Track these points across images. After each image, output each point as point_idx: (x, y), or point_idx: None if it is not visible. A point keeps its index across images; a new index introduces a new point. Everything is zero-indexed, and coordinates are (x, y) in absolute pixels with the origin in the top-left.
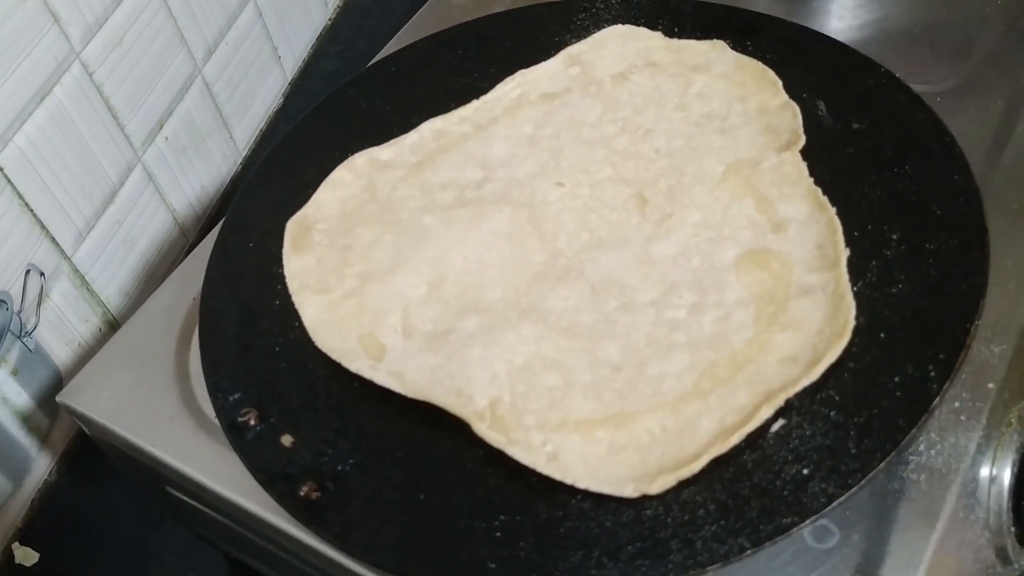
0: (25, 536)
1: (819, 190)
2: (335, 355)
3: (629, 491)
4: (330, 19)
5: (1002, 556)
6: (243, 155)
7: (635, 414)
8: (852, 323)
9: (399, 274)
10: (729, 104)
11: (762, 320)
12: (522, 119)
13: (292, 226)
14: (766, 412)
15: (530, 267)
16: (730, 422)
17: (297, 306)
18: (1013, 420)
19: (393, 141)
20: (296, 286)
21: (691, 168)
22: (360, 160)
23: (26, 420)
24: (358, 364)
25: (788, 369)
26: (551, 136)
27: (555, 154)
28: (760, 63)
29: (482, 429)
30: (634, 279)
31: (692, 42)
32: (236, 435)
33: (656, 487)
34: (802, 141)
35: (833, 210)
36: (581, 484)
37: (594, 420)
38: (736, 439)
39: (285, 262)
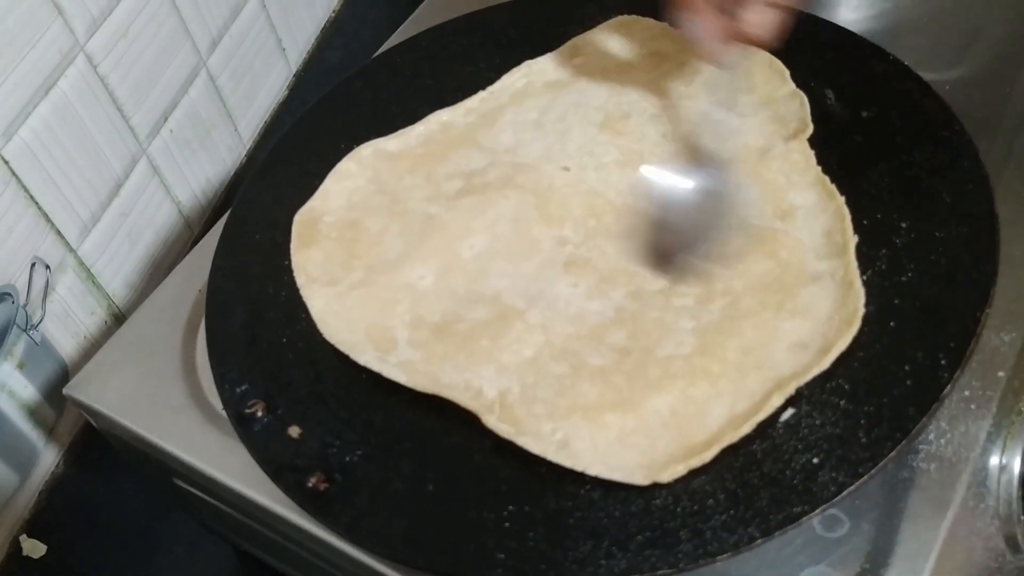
0: (33, 528)
1: (827, 178)
2: (343, 347)
3: (640, 479)
4: (334, 11)
5: (1012, 544)
6: (248, 147)
7: (644, 397)
8: (861, 311)
9: (406, 265)
10: (735, 92)
11: (771, 307)
12: (528, 106)
13: (299, 219)
14: (777, 400)
15: (537, 255)
16: (740, 409)
17: (305, 299)
18: (1023, 409)
19: (400, 132)
20: (304, 279)
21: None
22: (366, 151)
23: (32, 413)
24: (366, 356)
25: (797, 356)
26: (557, 120)
27: (560, 137)
28: (767, 53)
29: (491, 421)
30: (642, 266)
31: None
32: (243, 427)
33: (667, 475)
34: (810, 129)
35: (841, 198)
36: (592, 471)
37: (603, 404)
38: (747, 428)
39: (293, 255)
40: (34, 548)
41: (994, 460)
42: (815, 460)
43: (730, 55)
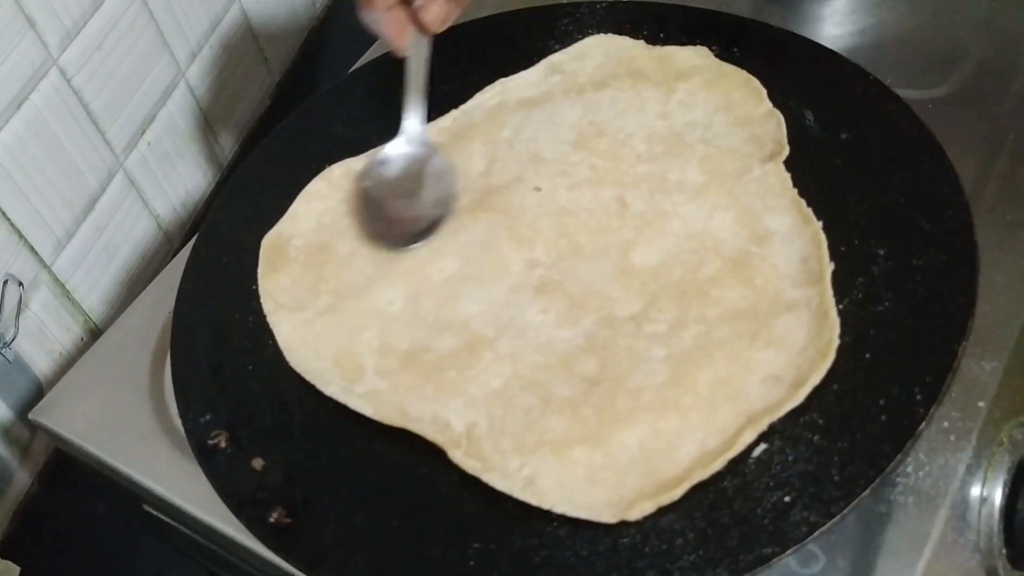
0: (5, 549)
1: (803, 202)
2: (309, 376)
3: (607, 517)
4: (317, 19)
5: None
6: (228, 159)
7: (613, 431)
8: (836, 342)
9: (375, 288)
10: (712, 113)
11: (745, 336)
12: (500, 123)
13: (267, 242)
14: (748, 437)
15: (508, 279)
16: (711, 445)
17: (272, 325)
18: (1004, 439)
19: (371, 152)
20: (271, 305)
21: (673, 175)
22: (337, 171)
23: (5, 432)
24: (332, 388)
25: (770, 390)
26: (529, 139)
27: (533, 157)
28: (744, 72)
29: (458, 456)
30: (614, 291)
31: (675, 49)
32: (206, 458)
33: (635, 513)
34: (786, 152)
35: (818, 223)
36: (558, 509)
37: (571, 439)
38: (718, 465)
39: (260, 281)
40: (7, 569)
41: (975, 492)
42: (787, 498)
43: (409, 43)
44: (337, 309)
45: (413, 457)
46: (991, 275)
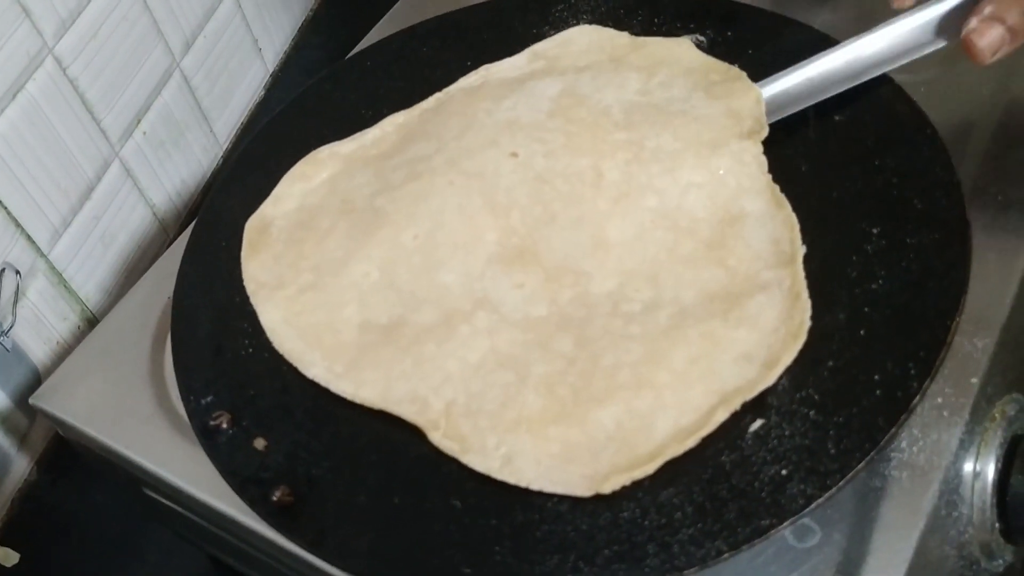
0: (5, 537)
1: (776, 186)
2: (292, 358)
3: (582, 490)
4: (312, 9)
5: (986, 552)
6: (224, 148)
7: (589, 409)
8: (808, 324)
9: (352, 261)
10: (691, 90)
11: (718, 315)
12: (480, 97)
13: (250, 225)
14: (721, 415)
15: (483, 247)
16: (685, 422)
17: (255, 307)
18: (996, 415)
19: (355, 136)
20: (253, 287)
21: (649, 142)
22: (323, 154)
23: (4, 420)
24: (315, 370)
25: (743, 369)
26: (508, 108)
27: (510, 124)
28: (725, 64)
29: (436, 438)
30: (589, 266)
31: (658, 39)
32: (208, 439)
33: (609, 486)
34: (765, 131)
35: (789, 206)
36: (535, 486)
37: (547, 418)
38: (692, 442)
39: (243, 264)
40: (7, 557)
41: (968, 467)
42: (784, 472)
43: None
44: (317, 286)
45: (413, 436)
46: (982, 255)
